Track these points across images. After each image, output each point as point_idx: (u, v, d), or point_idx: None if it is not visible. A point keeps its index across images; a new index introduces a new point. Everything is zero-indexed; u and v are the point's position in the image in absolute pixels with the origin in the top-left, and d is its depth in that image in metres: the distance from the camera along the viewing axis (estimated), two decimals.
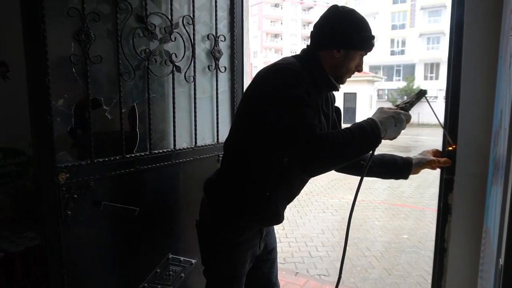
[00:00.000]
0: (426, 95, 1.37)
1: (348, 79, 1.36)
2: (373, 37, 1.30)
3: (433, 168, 1.55)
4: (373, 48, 1.32)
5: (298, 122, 1.10)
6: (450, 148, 1.51)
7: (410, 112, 1.27)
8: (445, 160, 1.51)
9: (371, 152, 1.28)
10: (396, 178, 1.57)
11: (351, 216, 1.38)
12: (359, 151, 1.16)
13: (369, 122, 1.15)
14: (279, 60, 1.28)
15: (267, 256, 1.55)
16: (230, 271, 1.40)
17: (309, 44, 1.35)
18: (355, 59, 1.30)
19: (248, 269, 1.45)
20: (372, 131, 1.13)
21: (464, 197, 1.50)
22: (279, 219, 1.39)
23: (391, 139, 1.21)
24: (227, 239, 1.35)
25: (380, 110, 1.23)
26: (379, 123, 1.15)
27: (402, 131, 1.23)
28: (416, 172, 1.55)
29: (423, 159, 1.53)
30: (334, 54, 1.28)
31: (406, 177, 1.55)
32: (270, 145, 1.23)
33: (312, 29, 1.35)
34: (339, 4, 1.33)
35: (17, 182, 2.05)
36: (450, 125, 1.52)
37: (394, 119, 1.18)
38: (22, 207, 2.06)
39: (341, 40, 1.26)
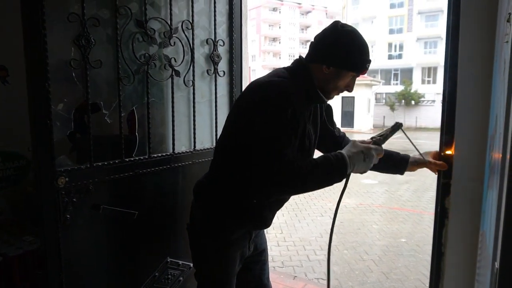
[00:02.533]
0: (402, 127, 1.37)
1: None
2: (368, 61, 1.29)
3: (432, 170, 1.57)
4: (366, 71, 1.32)
5: (271, 147, 1.15)
6: (448, 152, 1.52)
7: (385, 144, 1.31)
8: (441, 164, 1.53)
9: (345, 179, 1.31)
10: (392, 172, 1.60)
11: (333, 230, 1.41)
12: (322, 184, 1.21)
13: (337, 156, 1.20)
14: (270, 76, 1.30)
15: (258, 257, 1.56)
16: (220, 272, 1.41)
17: (305, 54, 1.37)
18: (345, 78, 1.30)
19: (238, 271, 1.46)
20: (338, 165, 1.18)
21: (461, 201, 1.51)
22: (266, 224, 1.43)
23: (360, 173, 1.26)
24: (216, 239, 1.37)
25: (352, 143, 1.27)
26: (347, 157, 1.19)
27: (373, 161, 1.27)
28: (412, 169, 1.57)
29: (420, 159, 1.56)
30: (324, 70, 1.28)
31: (401, 173, 1.58)
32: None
33: (312, 40, 1.37)
34: (341, 21, 1.34)
35: (16, 185, 2.06)
36: (447, 130, 1.53)
37: (364, 154, 1.22)
38: (22, 210, 2.06)
39: (332, 58, 1.27)
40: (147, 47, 1.72)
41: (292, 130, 1.22)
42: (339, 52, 1.25)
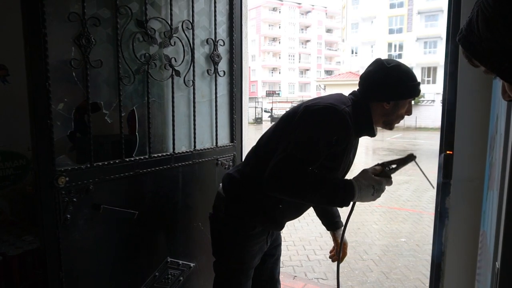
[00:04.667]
0: (416, 159, 1.37)
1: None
2: (418, 84, 1.37)
3: (333, 249, 1.72)
4: (420, 93, 1.40)
5: (295, 155, 1.22)
6: (448, 152, 1.52)
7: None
8: (339, 254, 1.61)
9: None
10: (322, 223, 1.74)
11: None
12: (320, 201, 1.32)
13: (348, 184, 1.25)
14: (337, 99, 1.34)
15: (273, 251, 1.62)
16: (239, 263, 1.46)
17: (359, 89, 1.42)
18: (405, 106, 1.38)
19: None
20: (344, 192, 1.24)
21: (461, 201, 1.51)
22: (281, 227, 1.51)
23: (366, 201, 1.30)
24: (238, 233, 1.43)
25: (363, 173, 1.29)
26: (357, 189, 1.24)
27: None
28: (333, 235, 1.72)
29: (342, 237, 1.59)
30: (384, 106, 1.36)
31: (327, 229, 1.75)
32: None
33: (359, 80, 1.43)
34: (383, 58, 1.40)
35: (16, 185, 2.05)
36: (447, 130, 1.53)
37: (374, 189, 1.26)
38: (21, 210, 2.06)
39: (391, 93, 1.35)
40: (147, 47, 1.71)
41: (325, 154, 1.27)
42: (396, 87, 1.33)
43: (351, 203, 1.29)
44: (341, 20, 41.70)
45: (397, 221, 5.50)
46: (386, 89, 1.34)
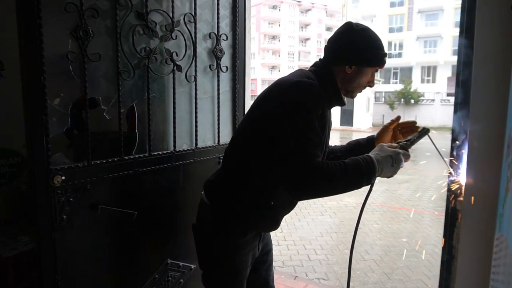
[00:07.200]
0: (429, 134, 1.35)
1: None
2: (385, 55, 1.33)
3: (391, 126, 1.49)
4: (385, 64, 1.34)
5: (302, 149, 1.14)
6: (460, 152, 1.47)
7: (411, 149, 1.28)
8: (397, 117, 1.51)
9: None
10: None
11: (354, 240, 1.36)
12: (350, 186, 1.20)
13: (367, 159, 1.19)
14: (299, 76, 1.28)
15: (265, 258, 1.54)
16: (233, 275, 1.37)
17: (322, 58, 1.37)
18: (367, 75, 1.34)
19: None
20: (367, 169, 1.17)
21: (473, 203, 1.45)
22: (277, 226, 1.42)
23: (387, 177, 1.25)
24: (228, 242, 1.33)
25: (380, 147, 1.26)
26: (376, 161, 1.19)
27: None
28: (379, 142, 1.50)
29: (381, 129, 1.52)
30: (346, 70, 1.31)
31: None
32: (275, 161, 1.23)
33: (326, 44, 1.38)
34: (353, 21, 1.35)
35: (11, 183, 2.00)
36: (460, 128, 1.48)
37: (392, 159, 1.21)
38: (17, 209, 2.00)
39: (354, 56, 1.30)
40: (148, 40, 1.65)
41: (320, 130, 1.22)
42: (362, 51, 1.29)
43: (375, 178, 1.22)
44: (341, 18, 41.66)
45: (398, 221, 5.47)
46: (351, 51, 1.29)
